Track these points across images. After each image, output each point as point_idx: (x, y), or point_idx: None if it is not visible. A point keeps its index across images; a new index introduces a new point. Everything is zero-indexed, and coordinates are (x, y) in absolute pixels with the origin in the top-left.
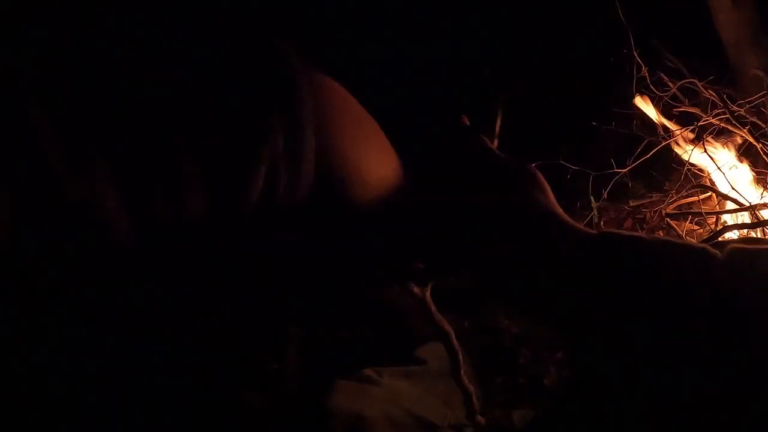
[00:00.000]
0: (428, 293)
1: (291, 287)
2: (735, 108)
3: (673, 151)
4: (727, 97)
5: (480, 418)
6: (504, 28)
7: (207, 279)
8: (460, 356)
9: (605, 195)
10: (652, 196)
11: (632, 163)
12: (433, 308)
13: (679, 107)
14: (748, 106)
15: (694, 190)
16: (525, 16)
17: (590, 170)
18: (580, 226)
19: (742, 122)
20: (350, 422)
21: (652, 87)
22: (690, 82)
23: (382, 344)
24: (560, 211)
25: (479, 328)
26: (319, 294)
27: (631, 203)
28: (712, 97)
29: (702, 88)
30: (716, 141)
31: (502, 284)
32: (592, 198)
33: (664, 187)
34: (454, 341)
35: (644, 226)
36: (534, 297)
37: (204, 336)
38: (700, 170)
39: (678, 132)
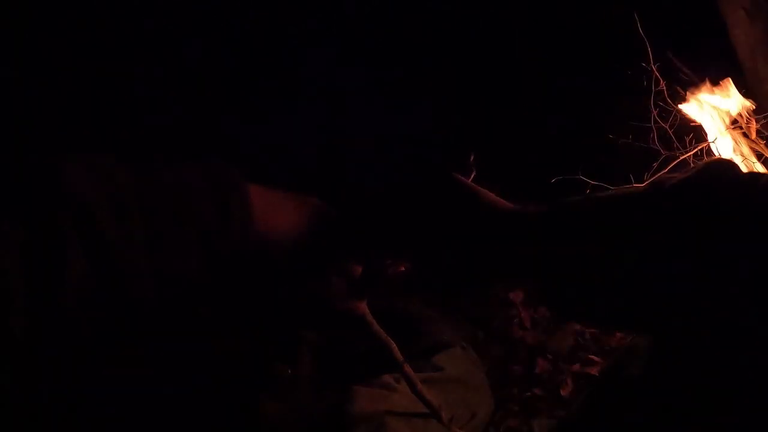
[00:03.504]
0: (366, 308)
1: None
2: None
3: (689, 164)
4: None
5: (457, 430)
6: (521, 41)
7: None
8: (407, 369)
9: None
10: None
11: (650, 178)
12: (373, 322)
13: (695, 121)
14: (764, 120)
15: None
16: (543, 29)
17: (608, 185)
18: (527, 208)
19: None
20: (373, 427)
21: (669, 100)
22: None
23: (401, 351)
24: (500, 205)
25: (494, 339)
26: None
27: None
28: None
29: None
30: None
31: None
32: None
33: None
34: (398, 354)
35: None
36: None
37: (219, 344)
38: None
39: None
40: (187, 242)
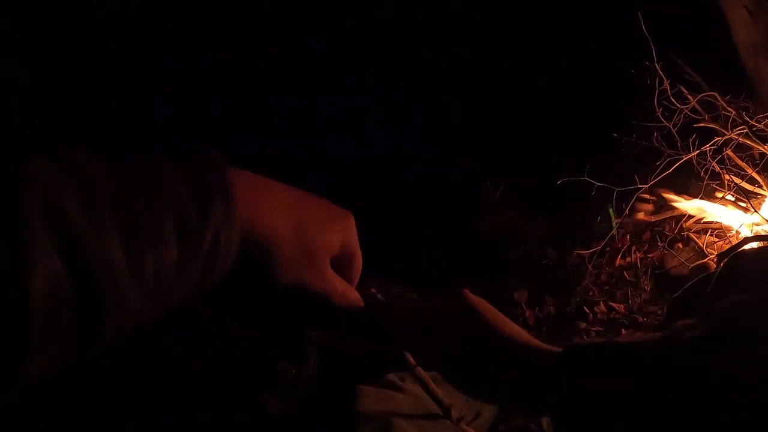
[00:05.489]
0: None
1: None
2: (753, 123)
3: (693, 165)
4: (744, 111)
5: (465, 428)
6: (525, 41)
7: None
8: (419, 371)
9: (627, 211)
10: (673, 209)
11: (654, 179)
12: (383, 326)
13: (699, 121)
14: (766, 119)
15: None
16: (548, 30)
17: (612, 185)
18: (542, 345)
19: (760, 136)
20: (379, 426)
21: (672, 99)
22: (710, 95)
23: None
24: (522, 338)
25: None
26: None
27: (653, 218)
28: (732, 114)
29: (723, 103)
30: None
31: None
32: (612, 213)
33: None
34: (410, 358)
35: (663, 238)
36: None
37: (223, 341)
38: (719, 184)
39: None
40: (164, 229)
